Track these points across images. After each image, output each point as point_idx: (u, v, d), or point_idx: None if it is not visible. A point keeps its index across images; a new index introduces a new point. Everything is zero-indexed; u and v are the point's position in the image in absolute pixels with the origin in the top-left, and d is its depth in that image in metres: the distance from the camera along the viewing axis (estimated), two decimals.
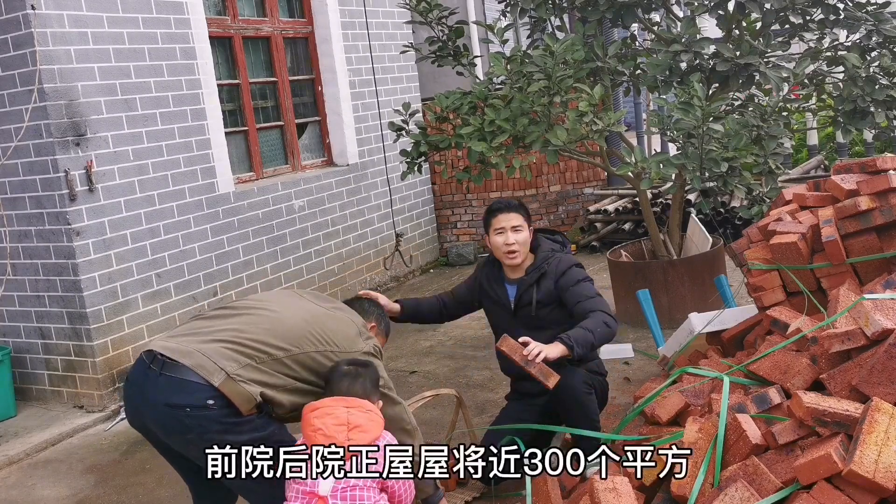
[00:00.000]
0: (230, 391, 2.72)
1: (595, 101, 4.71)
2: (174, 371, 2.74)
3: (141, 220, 5.61)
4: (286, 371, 2.87)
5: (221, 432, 2.73)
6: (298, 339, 2.91)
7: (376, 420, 2.75)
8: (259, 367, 2.81)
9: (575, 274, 3.65)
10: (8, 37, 5.08)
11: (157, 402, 2.75)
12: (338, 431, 2.64)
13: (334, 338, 2.99)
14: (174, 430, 2.78)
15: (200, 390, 2.71)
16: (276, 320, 2.95)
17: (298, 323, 2.96)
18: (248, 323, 2.92)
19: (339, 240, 7.48)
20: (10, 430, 5.21)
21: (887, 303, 2.78)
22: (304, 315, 3.00)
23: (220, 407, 2.72)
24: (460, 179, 5.34)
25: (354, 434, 2.64)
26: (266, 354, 2.84)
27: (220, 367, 2.73)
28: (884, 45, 5.20)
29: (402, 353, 5.99)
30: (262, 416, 2.83)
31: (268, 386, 2.81)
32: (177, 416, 2.73)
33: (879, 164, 3.76)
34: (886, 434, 2.28)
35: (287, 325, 2.93)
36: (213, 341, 2.82)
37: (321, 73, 7.51)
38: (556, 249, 3.79)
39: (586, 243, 8.36)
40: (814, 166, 9.41)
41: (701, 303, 5.29)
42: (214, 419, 2.72)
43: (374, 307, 3.40)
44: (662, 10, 5.68)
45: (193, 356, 2.75)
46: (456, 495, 3.63)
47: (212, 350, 2.78)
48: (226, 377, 2.72)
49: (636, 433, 3.48)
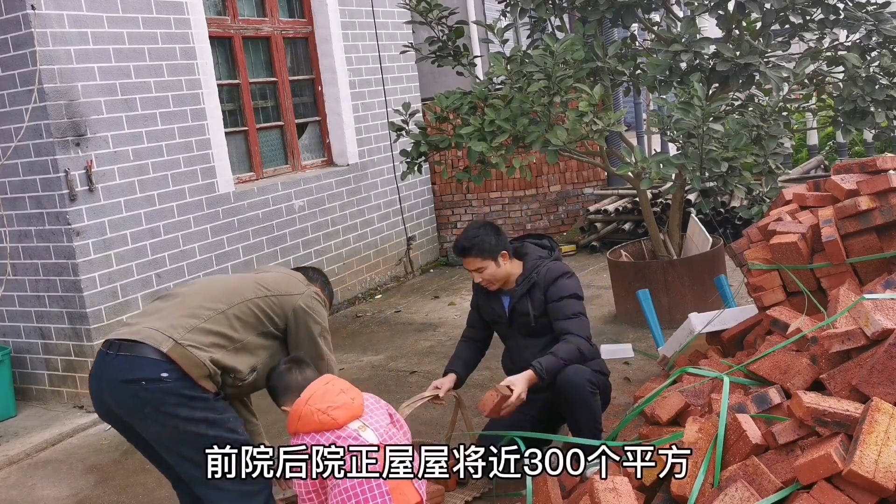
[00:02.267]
0: (179, 356, 2.84)
1: (595, 101, 4.71)
2: (128, 350, 2.87)
3: (141, 220, 5.61)
4: (231, 326, 3.01)
5: (177, 405, 2.84)
6: (238, 292, 3.11)
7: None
8: (205, 327, 2.95)
9: (561, 287, 3.66)
10: (8, 37, 5.08)
11: (114, 381, 2.87)
12: (351, 398, 2.85)
13: (272, 284, 3.19)
14: (132, 406, 2.87)
15: (154, 364, 2.83)
16: (216, 285, 3.20)
17: (237, 281, 3.23)
18: (191, 293, 3.12)
19: (339, 240, 7.48)
20: (10, 430, 5.21)
21: (887, 303, 2.78)
22: (244, 278, 3.29)
23: (174, 379, 2.83)
24: (460, 179, 5.34)
25: (355, 394, 2.88)
26: (211, 311, 2.99)
27: (168, 336, 2.87)
28: (884, 45, 5.20)
29: (402, 353, 5.99)
30: (220, 399, 2.97)
31: (217, 344, 2.94)
32: (132, 391, 2.84)
33: (879, 164, 3.75)
34: (886, 434, 2.28)
35: (226, 285, 3.17)
36: (160, 317, 2.97)
37: (321, 73, 7.51)
38: (543, 256, 3.78)
39: (586, 243, 8.36)
40: (814, 166, 9.41)
41: (701, 303, 5.29)
42: (170, 391, 2.83)
43: (318, 275, 3.51)
44: (662, 10, 5.68)
45: (142, 332, 2.90)
46: (456, 495, 3.64)
47: (160, 324, 2.93)
48: (174, 343, 2.85)
49: (636, 433, 3.48)
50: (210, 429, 2.87)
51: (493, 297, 3.86)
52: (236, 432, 2.94)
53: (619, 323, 5.96)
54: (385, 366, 5.75)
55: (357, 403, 2.85)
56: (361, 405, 2.87)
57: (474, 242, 3.69)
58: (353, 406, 2.83)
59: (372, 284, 7.86)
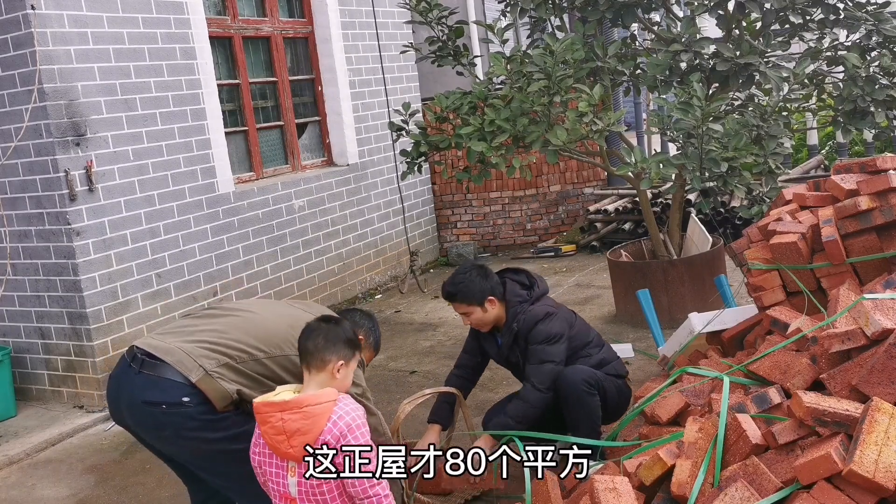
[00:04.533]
0: (207, 387, 2.77)
1: (595, 101, 4.71)
2: (152, 369, 2.81)
3: (141, 220, 5.61)
4: (264, 371, 2.91)
5: (197, 429, 2.79)
6: (279, 342, 2.94)
7: (317, 411, 2.54)
8: (237, 367, 2.86)
9: (535, 334, 3.65)
10: (8, 37, 5.08)
11: (134, 399, 2.82)
12: (278, 442, 2.56)
13: None
14: (149, 427, 2.84)
15: (176, 388, 2.77)
16: (259, 323, 2.99)
17: (281, 326, 2.99)
18: (231, 324, 2.97)
19: (339, 240, 7.48)
20: (10, 430, 5.21)
21: (887, 303, 2.78)
22: (287, 319, 3.03)
23: (195, 404, 2.78)
24: (460, 179, 5.34)
25: (295, 440, 2.53)
26: (246, 354, 2.89)
27: (200, 365, 2.79)
28: (884, 45, 5.20)
29: (402, 353, 5.99)
30: (238, 413, 2.89)
31: (245, 385, 2.86)
32: (152, 413, 2.79)
33: (879, 164, 3.75)
34: (886, 434, 2.28)
35: (269, 328, 2.97)
36: (195, 340, 2.88)
37: (321, 73, 7.51)
38: (523, 299, 3.74)
39: (586, 243, 8.36)
40: (814, 166, 9.41)
41: (701, 303, 5.29)
42: (190, 416, 2.78)
43: (365, 319, 3.38)
44: (662, 9, 5.68)
45: (174, 353, 2.82)
46: (456, 495, 3.63)
47: (192, 348, 2.84)
48: (204, 374, 2.78)
49: (636, 433, 3.48)
50: (233, 443, 2.82)
51: (487, 338, 3.89)
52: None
53: (619, 323, 5.96)
54: (385, 366, 5.75)
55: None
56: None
57: (459, 289, 3.69)
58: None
59: (372, 284, 7.86)
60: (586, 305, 6.51)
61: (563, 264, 7.98)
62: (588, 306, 6.49)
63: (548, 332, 3.64)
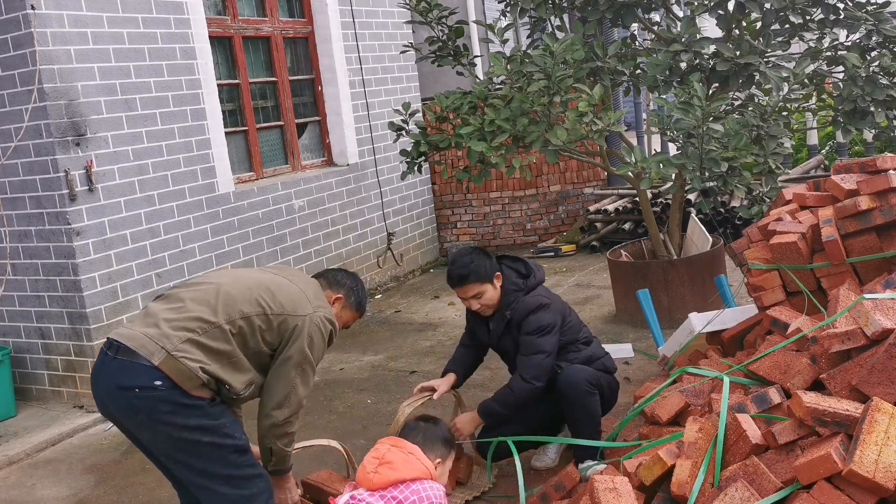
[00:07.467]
0: (170, 369, 2.78)
1: (595, 101, 4.71)
2: (126, 354, 2.83)
3: (141, 220, 5.61)
4: (226, 340, 2.90)
5: (171, 413, 2.79)
6: (239, 304, 2.95)
7: (414, 464, 2.89)
8: (199, 340, 2.85)
9: (527, 324, 3.64)
10: (8, 37, 5.08)
11: (109, 384, 2.85)
12: (370, 462, 2.89)
13: (276, 300, 3.00)
14: (127, 412, 2.85)
15: (148, 372, 2.79)
16: (220, 291, 2.99)
17: (241, 290, 3.00)
18: (192, 299, 2.97)
19: (339, 240, 7.48)
20: (10, 430, 5.21)
21: (887, 303, 2.78)
22: (249, 283, 3.05)
23: (167, 388, 2.79)
24: (460, 179, 5.34)
25: (383, 468, 2.85)
26: (207, 324, 2.88)
27: (161, 346, 2.80)
28: (884, 45, 5.20)
29: (402, 353, 5.99)
30: (215, 405, 2.89)
31: (210, 358, 2.85)
32: (127, 398, 2.81)
33: (879, 164, 3.75)
34: (886, 434, 2.28)
35: (229, 294, 2.97)
36: (156, 323, 2.89)
37: (321, 73, 7.51)
38: (518, 287, 3.72)
39: (586, 243, 8.36)
40: (814, 166, 9.41)
41: (701, 303, 5.29)
42: (163, 399, 2.79)
43: (347, 279, 3.33)
44: (662, 9, 5.68)
45: (137, 339, 2.84)
46: (456, 495, 3.63)
47: (154, 331, 2.86)
48: (166, 355, 2.79)
49: (636, 433, 3.49)
50: (204, 435, 2.83)
51: (480, 324, 3.87)
52: (233, 437, 2.89)
53: (619, 323, 5.96)
54: (385, 366, 5.75)
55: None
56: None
57: (471, 269, 3.64)
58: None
59: (372, 284, 7.86)
60: (586, 305, 6.51)
61: (563, 264, 7.98)
62: (588, 306, 6.49)
63: (539, 322, 3.62)
